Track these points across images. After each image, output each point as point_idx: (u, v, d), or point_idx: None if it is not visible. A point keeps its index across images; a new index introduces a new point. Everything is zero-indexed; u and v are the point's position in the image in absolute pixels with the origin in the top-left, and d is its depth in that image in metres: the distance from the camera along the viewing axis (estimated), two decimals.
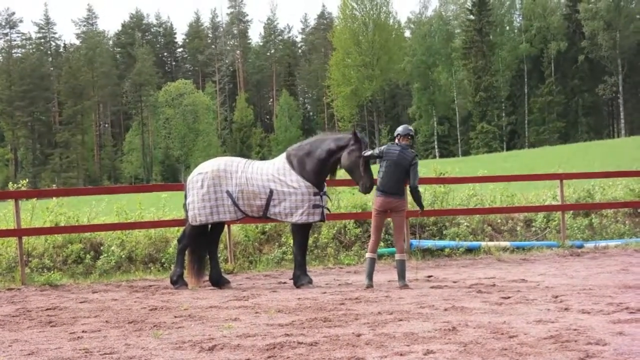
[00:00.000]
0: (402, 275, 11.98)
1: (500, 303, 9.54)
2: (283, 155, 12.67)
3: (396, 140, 12.32)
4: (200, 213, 12.32)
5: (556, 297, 9.88)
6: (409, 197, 13.44)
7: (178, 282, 12.53)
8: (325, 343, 7.24)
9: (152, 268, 15.09)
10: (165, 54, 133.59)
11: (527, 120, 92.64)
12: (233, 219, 12.60)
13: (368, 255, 12.11)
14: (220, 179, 12.31)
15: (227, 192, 12.25)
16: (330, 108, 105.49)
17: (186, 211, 12.67)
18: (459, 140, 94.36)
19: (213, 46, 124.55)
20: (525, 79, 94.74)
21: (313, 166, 12.36)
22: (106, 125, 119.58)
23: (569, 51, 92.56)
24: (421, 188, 18.28)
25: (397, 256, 12.08)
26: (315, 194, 12.23)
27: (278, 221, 13.40)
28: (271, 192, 12.20)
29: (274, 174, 12.31)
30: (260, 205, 12.27)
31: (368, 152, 12.30)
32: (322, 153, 12.43)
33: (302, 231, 12.49)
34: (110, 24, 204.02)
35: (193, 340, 7.63)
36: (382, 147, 12.29)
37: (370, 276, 11.97)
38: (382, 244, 16.45)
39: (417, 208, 12.80)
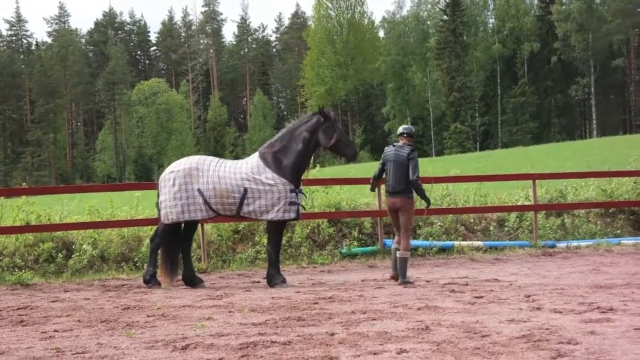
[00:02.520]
0: (403, 272, 12.21)
1: (473, 302, 9.58)
2: (256, 155, 12.57)
3: (399, 140, 12.60)
4: (172, 211, 12.24)
5: (528, 296, 9.93)
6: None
7: (151, 281, 12.46)
8: (299, 342, 7.23)
9: (124, 267, 15.02)
10: (139, 52, 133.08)
11: (500, 121, 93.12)
12: (205, 217, 12.50)
13: (394, 246, 12.66)
14: (191, 177, 12.23)
15: (199, 190, 12.16)
16: (305, 107, 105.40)
17: (159, 210, 12.60)
18: (432, 140, 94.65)
19: (186, 45, 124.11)
20: (499, 80, 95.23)
21: (292, 160, 12.30)
22: (78, 123, 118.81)
23: (542, 52, 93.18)
24: None
25: (399, 253, 12.33)
26: (291, 191, 12.19)
27: (251, 220, 13.35)
28: (245, 190, 12.12)
29: (247, 172, 12.22)
30: (232, 204, 12.19)
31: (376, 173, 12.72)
32: (299, 144, 12.40)
33: (277, 229, 12.43)
34: (82, 22, 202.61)
35: (166, 340, 7.59)
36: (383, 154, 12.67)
37: (395, 266, 12.46)
38: (355, 243, 16.49)
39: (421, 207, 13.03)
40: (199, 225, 15.42)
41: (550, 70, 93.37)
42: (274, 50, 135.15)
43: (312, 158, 12.98)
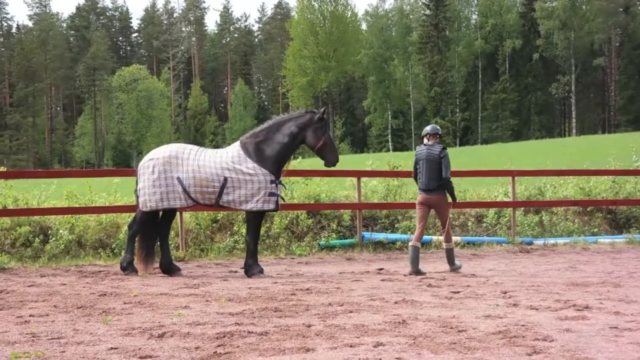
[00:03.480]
0: (451, 261, 12.87)
1: (450, 297, 9.60)
2: (237, 144, 12.50)
3: (425, 140, 13.13)
4: (150, 199, 12.16)
5: (505, 292, 9.97)
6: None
7: (128, 268, 12.41)
8: (276, 333, 7.22)
9: (102, 253, 14.95)
10: (120, 38, 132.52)
11: (481, 117, 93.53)
12: (183, 205, 12.42)
13: (412, 244, 12.68)
14: (171, 165, 12.14)
15: (178, 178, 12.09)
16: (286, 98, 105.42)
17: (137, 197, 12.53)
18: (412, 135, 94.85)
19: (168, 32, 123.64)
20: (480, 76, 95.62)
21: (275, 152, 12.27)
22: (58, 108, 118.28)
23: (524, 49, 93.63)
24: (374, 181, 18.49)
25: (445, 245, 12.95)
26: (272, 182, 12.15)
27: (230, 209, 13.29)
28: (225, 180, 12.06)
29: (227, 161, 12.16)
30: (212, 193, 12.13)
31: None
32: (284, 137, 12.37)
33: (256, 219, 12.40)
34: (64, 6, 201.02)
35: (142, 327, 7.56)
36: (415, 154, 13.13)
37: (414, 263, 12.49)
38: (334, 235, 16.50)
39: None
40: (178, 213, 15.39)
41: (531, 67, 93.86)
42: (256, 40, 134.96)
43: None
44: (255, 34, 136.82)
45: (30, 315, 8.35)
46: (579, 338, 6.94)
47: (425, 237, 16.90)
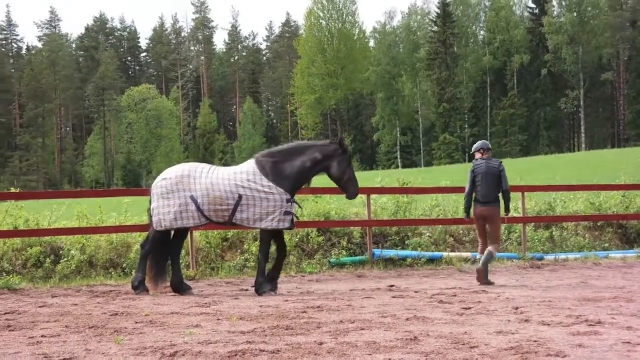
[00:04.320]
0: (485, 262, 13.26)
1: (461, 314, 9.58)
2: (251, 162, 12.51)
3: (477, 156, 13.71)
4: (164, 219, 12.19)
5: (517, 308, 9.94)
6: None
7: (139, 287, 12.41)
8: (288, 351, 7.22)
9: (113, 273, 14.97)
10: (129, 58, 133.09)
11: (490, 133, 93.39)
12: (197, 224, 12.45)
13: (478, 256, 13.53)
14: (184, 184, 12.18)
15: (192, 197, 12.11)
16: (294, 116, 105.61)
17: (150, 216, 12.56)
18: (421, 151, 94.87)
19: (177, 52, 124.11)
20: (488, 92, 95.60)
21: (294, 173, 12.32)
22: (68, 129, 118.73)
23: (532, 64, 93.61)
24: (384, 198, 18.51)
25: (490, 248, 13.36)
26: (287, 201, 12.17)
27: (244, 228, 13.26)
28: (240, 197, 12.07)
29: (242, 179, 12.17)
30: (225, 210, 12.13)
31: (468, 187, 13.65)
32: (307, 162, 12.42)
33: (269, 238, 12.41)
34: (73, 27, 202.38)
35: (154, 347, 7.56)
36: (471, 168, 13.65)
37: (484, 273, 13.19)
38: (344, 253, 16.50)
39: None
40: (189, 232, 15.42)
41: (540, 82, 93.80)
42: (265, 58, 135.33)
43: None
44: (264, 53, 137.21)
45: (42, 336, 8.36)
46: (592, 354, 6.92)
47: (435, 253, 16.92)
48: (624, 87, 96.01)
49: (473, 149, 13.94)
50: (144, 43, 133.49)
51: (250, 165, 12.45)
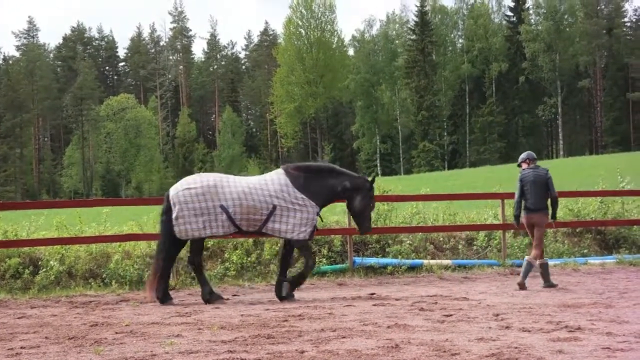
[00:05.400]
0: (546, 277, 13.71)
1: (442, 321, 9.60)
2: (280, 172, 12.80)
3: (524, 166, 14.19)
4: (192, 227, 12.22)
5: (497, 315, 9.98)
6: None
7: (212, 298, 12.43)
8: None
9: (92, 283, 14.88)
10: (107, 67, 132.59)
11: (469, 140, 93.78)
12: (226, 233, 12.58)
13: (539, 262, 13.79)
14: (211, 194, 12.27)
15: (222, 206, 12.21)
16: (274, 125, 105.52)
17: (167, 226, 12.46)
18: (401, 159, 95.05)
19: (155, 61, 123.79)
20: (467, 99, 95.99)
21: (324, 192, 12.77)
22: (46, 139, 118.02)
23: (510, 72, 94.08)
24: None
25: (540, 261, 13.75)
26: (317, 214, 12.67)
27: (273, 236, 13.30)
28: (274, 207, 12.32)
29: (276, 189, 12.43)
30: (258, 220, 12.33)
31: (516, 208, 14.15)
32: (337, 185, 12.88)
33: (307, 245, 12.88)
34: (51, 37, 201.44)
35: (135, 357, 7.54)
36: (519, 177, 14.02)
37: (546, 277, 13.75)
38: (325, 261, 16.49)
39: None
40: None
41: (518, 90, 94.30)
42: (243, 67, 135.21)
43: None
44: (242, 61, 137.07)
45: (21, 347, 8.31)
46: (572, 359, 6.95)
47: (415, 260, 16.94)
48: (600, 94, 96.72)
49: (519, 159, 14.44)
50: (121, 52, 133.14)
51: (280, 175, 12.72)
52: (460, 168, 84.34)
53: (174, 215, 12.34)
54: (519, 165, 14.33)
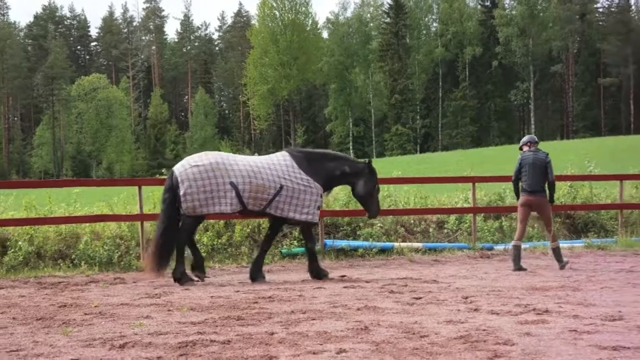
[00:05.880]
0: (559, 258, 13.90)
1: (412, 303, 9.64)
2: (284, 154, 12.96)
3: (525, 149, 14.34)
4: (201, 204, 12.18)
5: (466, 298, 10.03)
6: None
7: (183, 278, 12.35)
8: (239, 341, 7.21)
9: (61, 264, 14.77)
10: (79, 47, 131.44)
11: (441, 124, 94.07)
12: (233, 211, 12.51)
13: (513, 243, 13.95)
14: (220, 171, 12.25)
15: (231, 183, 12.23)
16: (247, 106, 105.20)
17: (170, 203, 12.35)
18: (373, 142, 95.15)
19: (128, 41, 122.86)
20: (440, 83, 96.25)
21: (324, 174, 12.92)
22: (15, 118, 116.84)
23: (484, 56, 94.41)
24: (336, 188, 18.49)
25: (552, 245, 14.05)
26: (321, 196, 12.82)
27: (274, 216, 12.99)
28: (281, 187, 12.42)
29: (283, 169, 12.57)
30: (264, 199, 12.40)
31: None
32: (336, 170, 13.06)
33: (310, 228, 13.01)
34: (22, 16, 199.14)
35: (103, 338, 7.50)
36: (519, 159, 14.20)
37: (516, 261, 13.72)
38: (295, 243, 16.48)
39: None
40: (138, 223, 15.33)
41: (491, 74, 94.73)
42: (217, 48, 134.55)
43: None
44: (216, 43, 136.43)
45: None
46: (539, 342, 7.01)
47: (386, 243, 16.98)
48: (572, 79, 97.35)
49: (520, 143, 14.59)
50: (94, 32, 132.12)
51: (285, 157, 12.87)
52: (432, 152, 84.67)
53: (181, 192, 12.23)
54: (521, 149, 14.51)
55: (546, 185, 13.98)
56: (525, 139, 14.62)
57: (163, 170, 19.71)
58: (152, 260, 12.46)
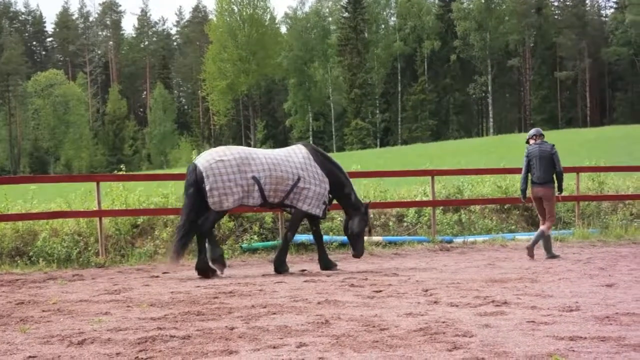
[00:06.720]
0: (548, 249, 14.41)
1: (372, 296, 9.67)
2: (300, 147, 13.24)
3: (531, 142, 14.73)
4: (228, 199, 12.27)
5: (426, 290, 10.08)
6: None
7: (206, 269, 12.42)
8: (198, 337, 7.18)
9: (18, 261, 14.62)
10: (35, 43, 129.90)
11: (400, 118, 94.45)
12: (255, 205, 12.74)
13: (545, 234, 14.37)
14: (244, 165, 12.37)
15: (253, 177, 12.36)
16: (206, 102, 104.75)
17: (195, 198, 12.35)
18: (333, 136, 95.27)
19: (84, 37, 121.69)
20: (399, 77, 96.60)
21: (333, 177, 13.23)
22: None
23: (442, 50, 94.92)
24: None
25: (542, 227, 14.42)
26: (328, 192, 13.11)
27: (289, 206, 13.13)
28: (299, 178, 12.65)
29: (300, 161, 12.83)
30: (283, 191, 12.62)
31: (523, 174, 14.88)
32: (346, 188, 13.44)
33: (302, 219, 13.21)
34: None
35: (62, 335, 7.43)
36: (526, 153, 14.67)
37: (548, 249, 14.43)
38: (256, 238, 16.47)
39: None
40: (97, 219, 15.21)
41: (449, 68, 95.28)
42: (175, 44, 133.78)
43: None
44: (174, 38, 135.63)
45: None
46: (498, 333, 7.06)
47: (346, 237, 16.98)
48: (529, 72, 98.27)
49: (527, 136, 14.94)
50: (49, 27, 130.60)
51: (302, 149, 13.16)
52: (392, 146, 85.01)
53: (207, 187, 12.23)
54: (527, 142, 14.82)
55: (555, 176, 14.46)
56: (531, 132, 14.99)
57: (122, 167, 19.54)
58: (172, 250, 12.56)
